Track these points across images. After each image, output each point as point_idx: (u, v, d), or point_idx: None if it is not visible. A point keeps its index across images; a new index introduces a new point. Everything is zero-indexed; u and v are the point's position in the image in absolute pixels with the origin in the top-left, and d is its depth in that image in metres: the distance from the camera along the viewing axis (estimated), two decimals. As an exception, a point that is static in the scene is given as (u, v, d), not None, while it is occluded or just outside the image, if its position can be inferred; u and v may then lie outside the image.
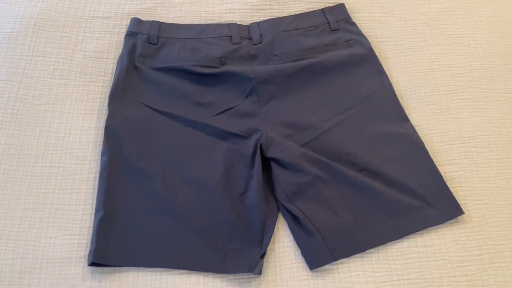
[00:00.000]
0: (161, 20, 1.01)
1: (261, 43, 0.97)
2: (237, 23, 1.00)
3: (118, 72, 0.91)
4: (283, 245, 0.78)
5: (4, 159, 0.83)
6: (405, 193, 0.81)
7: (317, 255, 0.75)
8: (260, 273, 0.73)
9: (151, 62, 0.93)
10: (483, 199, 0.83)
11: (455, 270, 0.76)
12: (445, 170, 0.85)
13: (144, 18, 1.01)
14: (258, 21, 1.00)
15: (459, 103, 0.93)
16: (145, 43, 0.95)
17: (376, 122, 0.89)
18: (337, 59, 0.94)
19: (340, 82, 0.93)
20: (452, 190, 0.82)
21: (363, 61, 0.95)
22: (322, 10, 1.02)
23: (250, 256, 0.75)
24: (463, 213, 0.80)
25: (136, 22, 0.98)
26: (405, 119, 0.90)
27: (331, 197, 0.80)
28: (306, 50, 0.96)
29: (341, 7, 1.03)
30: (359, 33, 0.99)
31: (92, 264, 0.74)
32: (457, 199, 0.81)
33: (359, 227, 0.78)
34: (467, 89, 0.95)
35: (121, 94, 0.89)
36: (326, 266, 0.76)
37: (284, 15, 1.03)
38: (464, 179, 0.85)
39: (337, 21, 1.00)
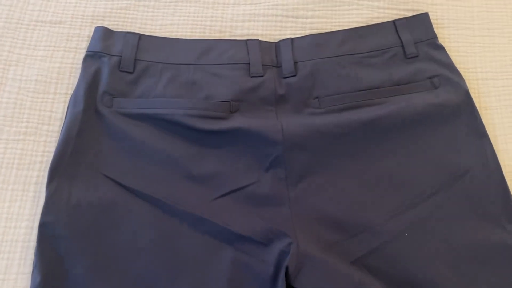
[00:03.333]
0: (141, 30, 0.67)
1: (295, 75, 0.64)
2: (260, 39, 0.66)
3: (68, 122, 0.60)
4: None
5: None
6: None
7: None
8: None
9: (123, 104, 0.62)
10: None
11: None
12: None
13: (116, 27, 0.67)
14: (292, 36, 0.66)
15: None
16: (115, 70, 0.64)
17: (473, 225, 0.58)
18: (414, 111, 0.62)
19: (417, 150, 0.61)
20: None
21: (454, 116, 0.63)
22: (393, 22, 0.67)
23: None
24: None
25: (102, 35, 0.65)
26: (516, 219, 0.58)
27: None
28: (366, 92, 0.64)
29: (423, 19, 0.68)
30: (450, 65, 0.66)
31: None
32: None
33: None
34: None
35: (69, 162, 0.58)
36: None
37: (333, 27, 0.68)
38: None
39: (416, 42, 0.66)
